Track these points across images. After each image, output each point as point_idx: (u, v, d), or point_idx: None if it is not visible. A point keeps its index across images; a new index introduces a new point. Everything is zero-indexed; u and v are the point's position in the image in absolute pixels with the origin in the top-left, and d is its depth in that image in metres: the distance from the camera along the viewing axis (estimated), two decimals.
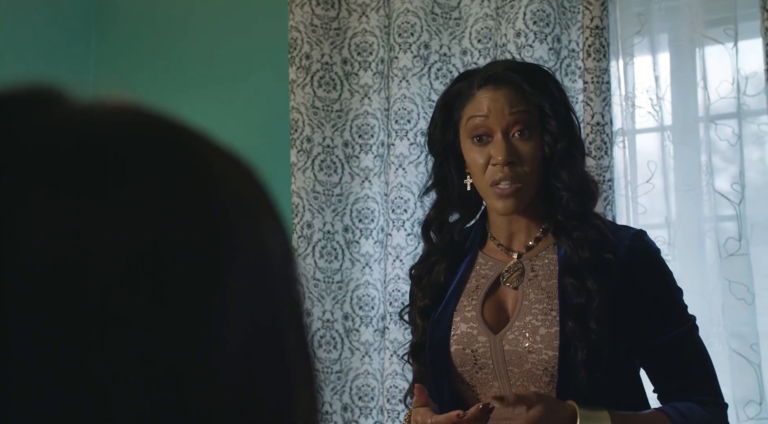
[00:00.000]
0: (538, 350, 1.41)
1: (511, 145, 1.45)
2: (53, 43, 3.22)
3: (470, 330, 1.46)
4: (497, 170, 1.44)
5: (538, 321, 1.42)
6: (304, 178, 2.67)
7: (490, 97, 1.47)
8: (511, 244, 1.53)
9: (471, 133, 1.48)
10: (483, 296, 1.49)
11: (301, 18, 2.73)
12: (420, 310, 1.51)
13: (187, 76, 3.17)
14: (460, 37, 2.65)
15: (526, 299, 1.46)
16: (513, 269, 1.50)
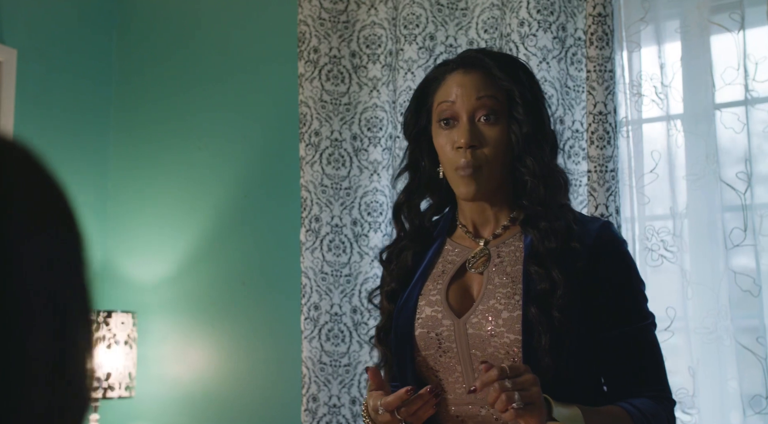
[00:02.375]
0: (500, 334, 1.40)
1: (475, 129, 1.45)
2: (78, 41, 3.29)
3: (435, 314, 1.46)
4: (459, 154, 1.45)
5: (501, 305, 1.42)
6: (312, 171, 2.68)
7: (458, 81, 1.48)
8: (479, 231, 1.54)
9: (439, 117, 1.49)
10: (448, 281, 1.49)
11: (310, 12, 2.74)
12: (387, 294, 1.52)
13: (199, 70, 3.21)
14: (466, 27, 2.62)
15: (491, 283, 1.46)
16: (479, 255, 1.50)
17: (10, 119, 2.99)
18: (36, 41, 3.12)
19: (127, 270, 3.23)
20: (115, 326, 2.94)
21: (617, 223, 2.24)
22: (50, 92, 3.17)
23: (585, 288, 1.43)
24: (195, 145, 3.18)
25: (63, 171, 2.58)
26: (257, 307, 3.00)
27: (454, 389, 1.45)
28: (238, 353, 3.02)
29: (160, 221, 3.20)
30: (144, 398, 3.09)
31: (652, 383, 1.45)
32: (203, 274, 3.10)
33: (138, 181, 3.28)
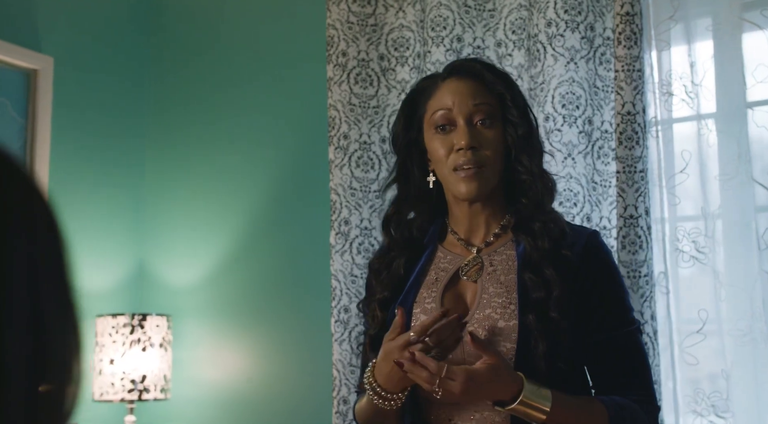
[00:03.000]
0: (496, 342, 1.43)
1: (474, 131, 1.49)
2: (113, 47, 3.34)
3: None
4: (460, 155, 1.48)
5: (497, 314, 1.45)
6: (341, 174, 2.69)
7: (453, 88, 1.52)
8: (471, 238, 1.56)
9: (435, 124, 1.52)
10: (442, 289, 1.52)
11: (338, 15, 2.75)
12: (380, 302, 1.54)
13: (230, 73, 3.25)
14: (494, 28, 2.61)
15: (486, 292, 1.48)
16: (472, 263, 1.53)
17: (47, 126, 3.05)
18: (72, 49, 3.18)
19: (162, 274, 3.28)
20: (150, 329, 2.98)
21: (647, 224, 2.21)
22: (86, 98, 3.22)
23: (574, 293, 1.46)
24: (227, 149, 3.21)
25: (99, 176, 2.64)
26: (289, 310, 3.02)
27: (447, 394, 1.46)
28: (270, 355, 3.04)
29: (195, 224, 3.24)
30: (179, 400, 3.12)
31: (636, 388, 1.49)
32: (236, 277, 3.13)
33: (172, 185, 3.32)
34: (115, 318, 2.96)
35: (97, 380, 2.94)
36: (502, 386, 1.36)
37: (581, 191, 2.33)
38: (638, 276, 2.18)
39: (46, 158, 3.03)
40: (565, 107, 2.36)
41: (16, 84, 3.00)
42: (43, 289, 0.51)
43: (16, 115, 2.99)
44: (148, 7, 3.47)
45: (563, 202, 2.31)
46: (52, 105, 3.07)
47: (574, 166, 2.34)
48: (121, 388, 2.91)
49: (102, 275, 3.19)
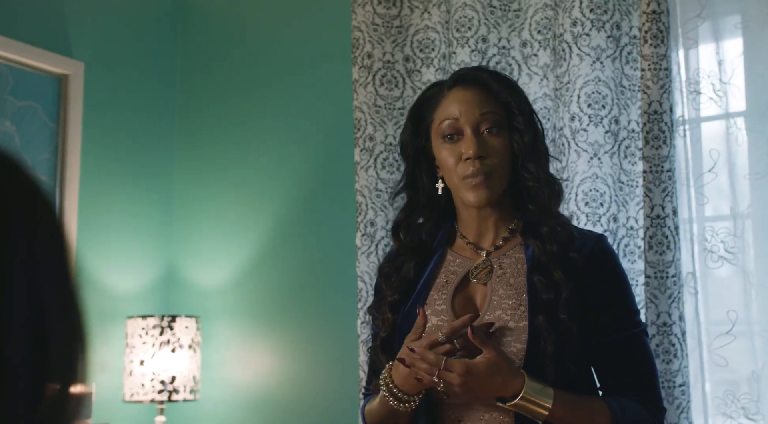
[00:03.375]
0: (506, 343, 1.45)
1: (481, 140, 1.52)
2: (141, 51, 3.38)
3: (440, 323, 1.51)
4: (468, 164, 1.50)
5: (507, 315, 1.47)
6: (367, 176, 2.70)
7: (460, 97, 1.54)
8: (480, 242, 1.59)
9: (442, 133, 1.54)
10: (452, 291, 1.54)
11: (363, 17, 2.76)
12: (390, 305, 1.56)
13: (257, 75, 3.27)
14: (519, 28, 2.60)
15: (495, 294, 1.51)
16: (482, 266, 1.55)
17: (78, 130, 3.09)
18: (101, 53, 3.22)
19: (191, 276, 3.30)
20: (180, 331, 3.00)
21: (675, 224, 2.19)
22: (116, 102, 3.26)
23: (582, 295, 1.48)
24: (255, 151, 3.23)
25: (130, 179, 2.67)
26: (316, 311, 3.03)
27: (457, 395, 1.47)
28: (297, 356, 3.05)
29: (223, 226, 3.26)
30: (209, 401, 3.15)
31: (642, 389, 1.51)
32: (264, 278, 3.15)
33: (201, 187, 3.35)
34: (145, 320, 2.99)
35: (127, 380, 2.98)
36: (502, 381, 1.38)
37: (607, 191, 2.31)
38: (666, 277, 2.15)
39: (77, 162, 3.07)
40: (590, 107, 2.34)
41: (47, 89, 3.05)
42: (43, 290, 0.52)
43: (47, 119, 3.03)
44: (176, 11, 3.50)
45: (589, 202, 2.30)
46: (82, 109, 3.11)
47: (600, 166, 2.32)
48: (151, 389, 2.95)
49: (132, 277, 3.22)
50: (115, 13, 3.30)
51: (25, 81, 2.98)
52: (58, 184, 3.02)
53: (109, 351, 3.09)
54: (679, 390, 2.12)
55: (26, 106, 2.98)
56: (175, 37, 3.49)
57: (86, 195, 3.09)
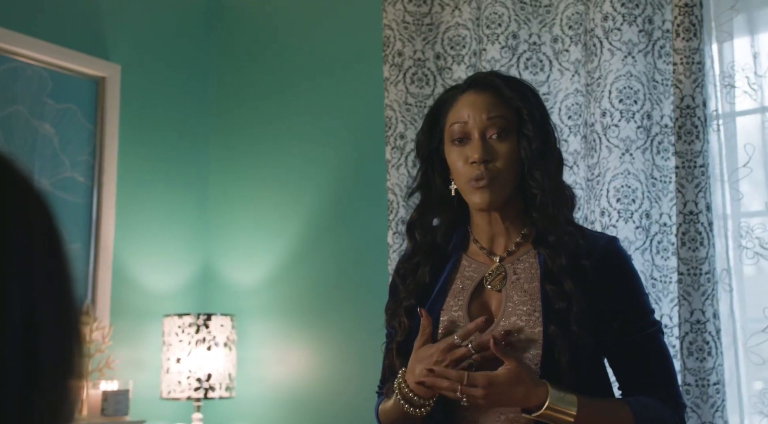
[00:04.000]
0: (522, 349, 1.47)
1: (487, 145, 1.53)
2: (177, 53, 3.42)
3: (457, 328, 1.51)
4: (474, 167, 1.52)
5: (522, 322, 1.48)
6: (398, 174, 2.70)
7: (470, 102, 1.55)
8: (493, 247, 1.59)
9: (452, 137, 1.56)
10: (468, 297, 1.55)
11: (394, 16, 2.76)
12: (406, 309, 1.57)
13: (289, 74, 3.29)
14: (550, 24, 2.58)
15: (510, 301, 1.52)
16: (496, 272, 1.56)
17: (115, 131, 3.14)
18: (138, 55, 3.27)
19: (226, 274, 3.34)
20: (215, 329, 3.04)
21: (708, 220, 2.15)
22: (151, 103, 3.31)
23: (594, 300, 1.49)
24: (288, 150, 3.26)
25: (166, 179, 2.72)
26: (350, 309, 3.04)
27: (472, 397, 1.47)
28: (333, 354, 3.07)
29: (258, 225, 3.29)
30: (244, 399, 3.18)
31: (660, 387, 1.52)
32: (298, 277, 3.17)
33: (236, 187, 3.38)
34: (181, 318, 3.03)
35: (164, 378, 3.02)
36: (525, 391, 1.39)
37: (639, 188, 2.28)
38: (699, 274, 2.12)
39: (114, 163, 3.12)
40: (622, 102, 2.32)
41: (85, 91, 3.10)
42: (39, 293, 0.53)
43: (85, 121, 3.09)
44: (210, 13, 3.54)
45: (621, 198, 2.27)
46: (119, 111, 3.16)
47: (632, 162, 2.29)
48: (187, 386, 2.98)
49: (169, 276, 3.26)
50: (150, 17, 3.35)
51: (64, 84, 3.03)
52: (96, 184, 3.08)
53: (147, 349, 3.13)
54: (714, 388, 2.08)
55: (65, 109, 3.03)
56: (209, 39, 3.53)
57: (123, 195, 3.14)
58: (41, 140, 2.95)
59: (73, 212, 3.00)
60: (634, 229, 2.27)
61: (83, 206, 3.04)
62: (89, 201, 3.06)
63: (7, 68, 2.88)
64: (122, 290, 3.09)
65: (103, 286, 3.02)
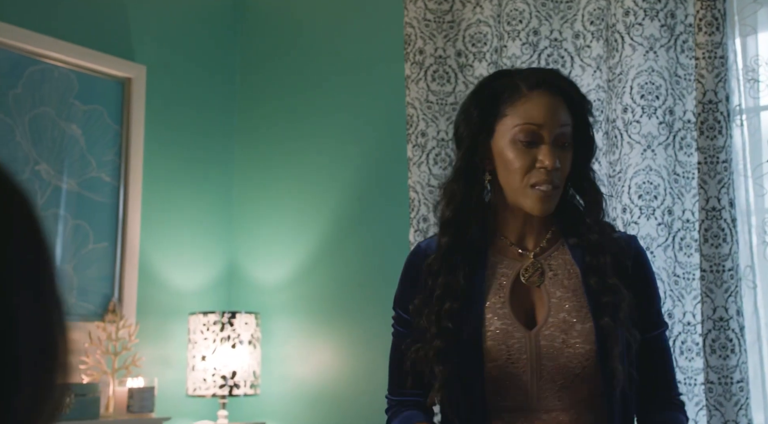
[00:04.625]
0: (574, 345, 1.45)
1: (557, 151, 1.49)
2: (202, 53, 3.45)
3: (504, 326, 1.47)
4: (542, 173, 1.47)
5: (572, 317, 1.46)
6: (420, 172, 2.70)
7: (545, 104, 1.49)
8: (523, 243, 1.55)
9: (522, 136, 1.48)
10: (509, 294, 1.51)
11: (415, 13, 2.76)
12: (447, 313, 1.48)
13: (313, 73, 3.30)
14: (572, 20, 2.57)
15: (554, 297, 1.49)
16: (532, 268, 1.52)
17: (141, 131, 3.17)
18: (163, 56, 3.30)
19: (251, 272, 3.36)
20: (240, 327, 3.06)
21: (732, 216, 2.13)
22: (177, 104, 3.34)
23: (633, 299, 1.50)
24: (312, 148, 3.27)
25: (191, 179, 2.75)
26: (373, 306, 3.04)
27: (513, 397, 1.46)
28: (356, 351, 3.07)
29: (282, 223, 3.31)
30: (269, 396, 3.20)
31: (666, 385, 1.55)
32: (322, 275, 3.18)
33: (260, 186, 3.40)
34: (206, 316, 3.06)
35: (190, 375, 3.04)
36: None
37: (662, 184, 2.26)
38: (722, 270, 2.10)
39: (140, 163, 3.15)
40: (644, 98, 2.29)
41: (111, 92, 3.14)
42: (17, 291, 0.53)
43: (111, 122, 3.13)
44: (234, 14, 3.56)
45: (642, 195, 2.25)
46: (144, 111, 3.20)
47: (654, 158, 2.27)
48: (212, 383, 3.01)
49: (194, 274, 3.29)
50: (175, 18, 3.38)
51: (90, 85, 3.07)
52: (122, 184, 3.11)
53: (173, 347, 3.16)
54: (737, 386, 2.06)
55: (91, 110, 3.07)
56: (233, 39, 3.55)
57: (149, 194, 3.17)
58: (68, 141, 2.99)
59: (99, 212, 3.04)
60: (656, 225, 2.25)
61: (110, 206, 3.08)
62: (116, 201, 3.10)
63: (35, 70, 2.93)
64: (148, 289, 3.12)
65: (129, 284, 3.06)
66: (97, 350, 2.86)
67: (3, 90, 2.83)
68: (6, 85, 2.84)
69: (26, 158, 2.86)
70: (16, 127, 2.85)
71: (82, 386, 2.67)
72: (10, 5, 2.87)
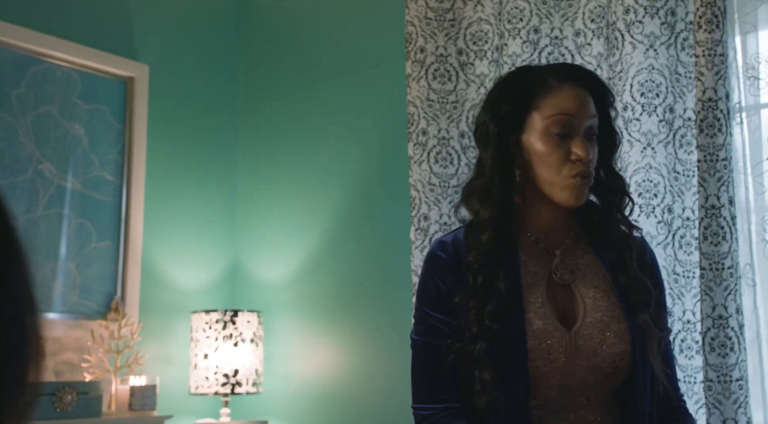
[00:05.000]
0: (611, 344, 1.45)
1: (587, 143, 1.50)
2: (205, 53, 3.46)
3: (545, 326, 1.46)
4: (577, 166, 1.48)
5: (607, 317, 1.47)
6: (420, 170, 2.70)
7: (577, 95, 1.49)
8: (548, 240, 1.54)
9: (555, 128, 1.48)
10: (545, 293, 1.49)
11: (416, 12, 2.76)
12: (489, 314, 1.44)
13: (315, 73, 3.31)
14: (572, 18, 2.56)
15: (587, 296, 1.49)
16: (561, 266, 1.52)
17: (143, 130, 3.18)
18: (165, 56, 3.31)
19: (253, 271, 3.37)
20: (242, 325, 3.07)
21: (731, 214, 2.12)
22: (180, 103, 3.35)
23: None
24: (314, 147, 3.28)
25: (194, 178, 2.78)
26: (374, 305, 3.05)
27: (544, 396, 1.45)
28: (358, 349, 3.08)
29: (285, 222, 3.31)
30: (271, 394, 3.20)
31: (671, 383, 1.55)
32: (325, 274, 3.18)
33: (264, 185, 3.41)
34: (208, 314, 3.06)
35: (192, 373, 3.05)
36: None
37: (662, 182, 2.26)
38: (721, 268, 2.09)
39: (143, 162, 3.16)
40: (644, 96, 2.29)
41: (114, 92, 3.15)
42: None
43: (114, 121, 3.14)
44: (237, 13, 3.57)
45: (642, 193, 2.25)
46: (147, 110, 3.21)
47: (654, 156, 2.27)
48: (215, 382, 3.02)
49: (197, 273, 3.30)
50: (177, 17, 3.39)
51: (93, 85, 3.08)
52: (125, 183, 3.12)
53: (175, 345, 3.17)
54: (737, 385, 2.05)
55: (94, 109, 3.09)
56: (236, 39, 3.56)
57: (152, 193, 3.18)
58: (71, 140, 3.00)
59: (102, 211, 3.05)
60: (656, 223, 2.25)
61: (113, 205, 3.09)
62: (118, 199, 3.11)
63: (38, 70, 2.94)
64: (151, 287, 3.13)
65: (132, 283, 3.07)
66: (99, 349, 2.87)
67: (6, 90, 2.84)
68: (9, 84, 2.85)
69: (29, 157, 2.88)
70: (19, 127, 2.86)
71: (84, 384, 2.68)
72: (14, 5, 2.88)
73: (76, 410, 2.61)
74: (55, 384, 2.60)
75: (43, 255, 2.87)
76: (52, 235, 2.91)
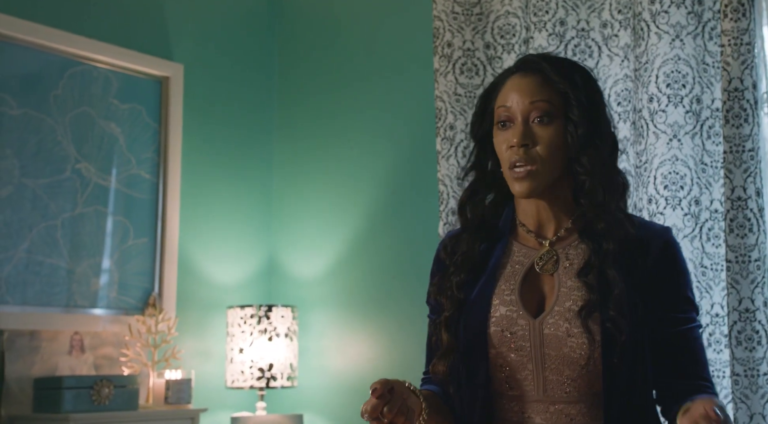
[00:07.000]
0: (577, 334, 1.43)
1: (528, 129, 1.49)
2: (240, 51, 3.51)
3: (510, 313, 1.48)
4: (513, 152, 1.48)
5: (577, 307, 1.44)
6: (448, 165, 2.70)
7: (515, 85, 1.52)
8: (541, 231, 1.55)
9: (497, 120, 1.53)
10: (520, 281, 1.51)
11: (443, 7, 2.76)
12: (457, 284, 1.52)
13: (348, 70, 3.34)
14: (599, 9, 2.54)
15: (564, 286, 1.48)
16: (547, 256, 1.52)
17: (179, 129, 3.24)
18: (200, 56, 3.37)
19: (289, 266, 3.41)
20: (276, 320, 3.11)
21: (758, 206, 2.09)
22: (214, 101, 3.40)
23: (647, 290, 1.46)
24: (347, 144, 3.30)
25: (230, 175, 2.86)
26: (406, 299, 3.06)
27: (521, 386, 1.46)
28: (391, 343, 3.10)
29: (319, 217, 3.35)
30: (306, 388, 3.24)
31: (693, 378, 1.49)
32: (358, 268, 3.21)
33: (299, 180, 3.45)
34: (243, 309, 3.11)
35: (228, 368, 3.11)
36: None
37: (688, 174, 2.23)
38: (748, 261, 2.06)
39: (178, 160, 3.22)
40: (669, 87, 2.26)
41: (149, 91, 3.22)
42: None
43: (150, 120, 3.20)
44: (272, 11, 3.61)
45: (668, 185, 2.23)
46: (182, 109, 3.26)
47: (681, 147, 2.24)
48: (250, 376, 3.06)
49: (233, 268, 3.36)
50: (212, 16, 3.44)
51: (129, 85, 3.15)
52: (161, 181, 3.19)
53: (212, 340, 3.23)
54: (764, 379, 2.02)
55: (130, 109, 3.15)
56: (270, 37, 3.60)
57: (188, 191, 3.24)
58: (108, 140, 3.07)
59: (139, 208, 3.12)
60: (682, 216, 2.22)
61: (149, 202, 3.15)
62: (155, 197, 3.17)
63: (75, 72, 3.01)
64: (187, 283, 3.19)
65: (169, 279, 3.13)
66: (137, 343, 2.94)
67: (45, 91, 2.92)
68: (48, 86, 2.93)
69: (68, 157, 2.95)
70: (57, 127, 2.94)
71: (122, 377, 2.75)
72: (51, 9, 2.96)
73: (114, 403, 2.68)
74: (93, 378, 2.67)
75: (83, 252, 2.94)
76: (91, 233, 2.98)
